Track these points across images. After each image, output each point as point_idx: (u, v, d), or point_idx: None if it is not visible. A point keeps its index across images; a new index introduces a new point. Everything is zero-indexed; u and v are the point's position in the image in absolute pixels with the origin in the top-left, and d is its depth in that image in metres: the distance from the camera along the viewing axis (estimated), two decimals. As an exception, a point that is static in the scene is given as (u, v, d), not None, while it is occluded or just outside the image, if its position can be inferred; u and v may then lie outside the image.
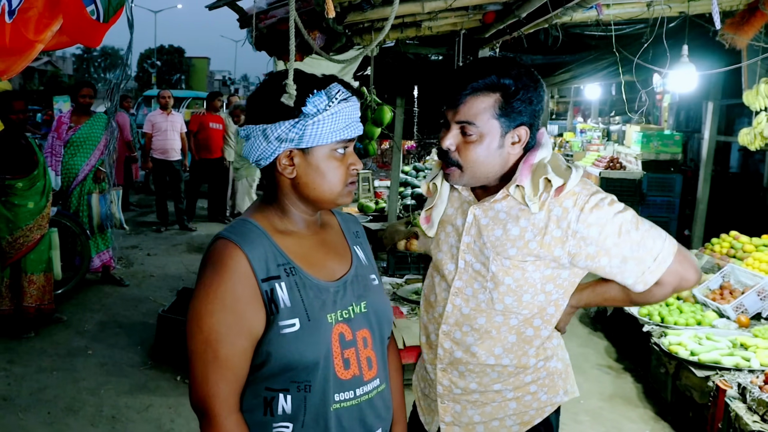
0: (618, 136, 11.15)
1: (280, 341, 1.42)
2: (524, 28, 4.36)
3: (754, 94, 5.62)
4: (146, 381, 4.50)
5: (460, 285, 1.80)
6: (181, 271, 7.26)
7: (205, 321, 1.39)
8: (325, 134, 1.45)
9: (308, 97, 1.45)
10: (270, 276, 1.44)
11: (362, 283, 1.62)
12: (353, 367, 1.51)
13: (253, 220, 1.52)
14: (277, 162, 1.49)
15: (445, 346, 1.84)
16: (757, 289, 4.61)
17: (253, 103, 1.53)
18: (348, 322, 1.52)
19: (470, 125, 1.66)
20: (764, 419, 3.33)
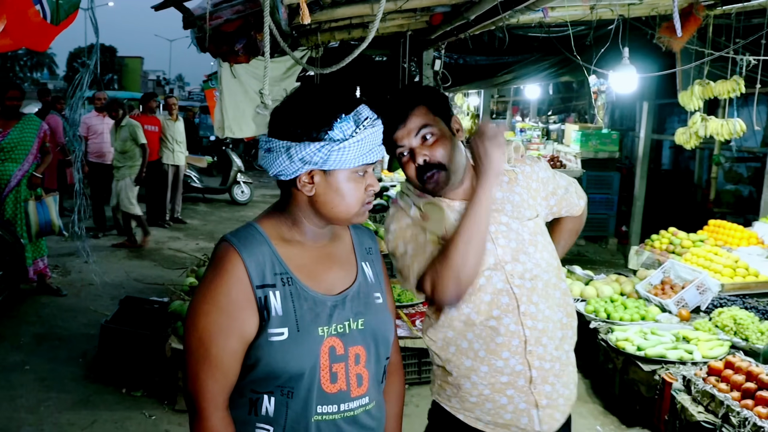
0: (557, 135, 11.40)
1: (267, 348, 1.45)
2: (472, 29, 4.39)
3: (689, 95, 5.82)
4: (89, 395, 4.32)
5: (510, 267, 1.89)
6: (122, 278, 7.01)
7: (200, 320, 1.45)
8: (349, 159, 1.47)
9: (335, 121, 1.46)
10: (265, 284, 1.47)
11: (364, 300, 1.62)
12: (340, 382, 1.52)
13: (260, 226, 1.55)
14: (297, 179, 1.50)
15: (528, 324, 1.89)
16: (696, 284, 4.77)
17: (279, 116, 1.52)
18: (342, 336, 1.53)
19: (426, 126, 1.85)
20: (708, 409, 3.44)
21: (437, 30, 4.79)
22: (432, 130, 1.85)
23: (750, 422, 3.14)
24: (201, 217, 11.32)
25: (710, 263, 5.17)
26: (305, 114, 1.47)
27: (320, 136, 1.45)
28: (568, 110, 13.77)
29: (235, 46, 3.91)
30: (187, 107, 17.62)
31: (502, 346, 1.88)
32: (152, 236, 9.02)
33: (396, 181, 10.91)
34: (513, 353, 1.88)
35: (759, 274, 5.04)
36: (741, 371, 3.50)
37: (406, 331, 4.78)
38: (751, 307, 4.56)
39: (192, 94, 44.80)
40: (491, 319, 1.88)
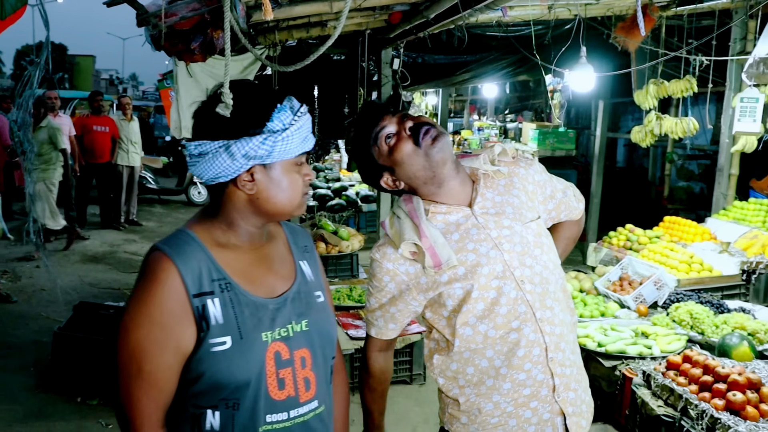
0: (515, 133, 11.51)
1: (210, 359, 1.39)
2: (431, 28, 4.38)
3: (644, 94, 5.92)
4: (42, 406, 4.18)
5: (519, 273, 1.80)
6: (76, 283, 6.82)
7: (132, 334, 1.37)
8: (291, 148, 1.45)
9: (273, 111, 1.43)
10: (202, 291, 1.41)
11: (305, 300, 1.58)
12: (288, 388, 1.47)
13: (192, 231, 1.48)
14: (237, 179, 1.45)
15: (547, 331, 1.81)
16: (654, 280, 4.85)
17: (207, 116, 1.45)
18: (286, 340, 1.48)
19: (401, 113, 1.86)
20: (668, 403, 3.50)
21: (396, 29, 4.77)
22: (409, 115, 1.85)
23: (707, 414, 3.20)
24: (157, 218, 11.10)
25: (666, 259, 5.27)
26: (240, 109, 1.43)
27: (260, 129, 1.41)
28: (525, 109, 13.94)
29: (191, 44, 3.82)
30: (141, 107, 17.28)
31: (524, 358, 1.79)
32: (107, 239, 8.80)
33: (354, 180, 10.90)
34: (535, 363, 1.80)
35: (713, 269, 5.16)
36: (698, 365, 3.56)
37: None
38: (706, 302, 4.66)
39: (146, 93, 43.93)
40: (511, 331, 1.79)
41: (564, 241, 2.17)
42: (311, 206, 8.37)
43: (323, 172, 10.47)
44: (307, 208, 8.42)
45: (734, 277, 5.11)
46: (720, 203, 6.35)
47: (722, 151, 6.26)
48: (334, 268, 6.37)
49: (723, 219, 6.06)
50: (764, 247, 5.30)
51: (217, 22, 3.74)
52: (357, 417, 2.01)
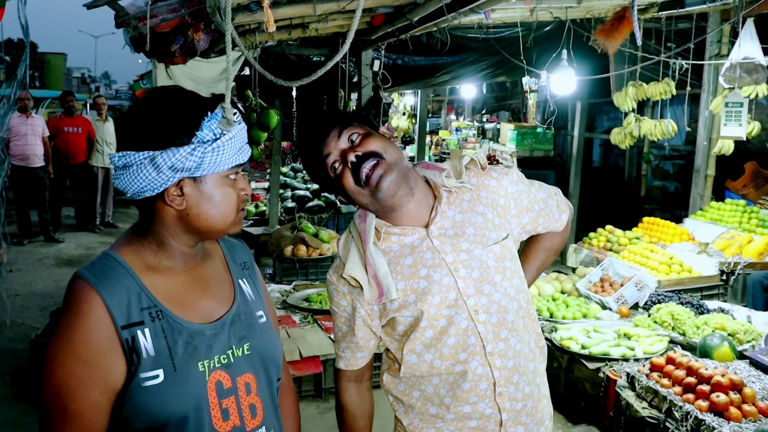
0: (493, 133, 11.56)
1: (142, 395, 1.28)
2: (414, 30, 4.36)
3: (623, 96, 5.98)
4: (19, 416, 4.08)
5: (473, 302, 1.69)
6: (51, 287, 6.69)
7: (55, 372, 1.25)
8: (223, 160, 1.33)
9: (203, 120, 1.31)
10: (131, 322, 1.29)
11: (246, 322, 1.48)
12: (233, 418, 1.38)
13: (119, 255, 1.36)
14: (165, 193, 1.33)
15: (497, 364, 1.71)
16: (635, 281, 4.89)
17: (131, 125, 1.33)
18: (227, 368, 1.39)
19: (349, 127, 1.69)
20: (652, 405, 3.53)
21: (378, 30, 4.75)
22: (358, 131, 1.68)
23: (692, 416, 3.23)
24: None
25: (647, 260, 5.32)
26: (166, 118, 1.31)
27: (189, 140, 1.30)
28: (503, 109, 14.02)
29: (172, 46, 3.76)
30: (115, 106, 17.05)
31: (469, 391, 1.71)
32: (82, 242, 8.66)
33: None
34: (481, 397, 1.71)
35: (692, 270, 5.22)
36: (682, 366, 3.59)
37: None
38: (687, 302, 4.71)
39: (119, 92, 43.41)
40: (458, 363, 1.70)
41: (544, 253, 2.03)
42: (290, 208, 8.31)
43: (301, 173, 10.41)
44: (286, 209, 8.33)
45: (713, 277, 5.17)
46: (697, 204, 6.43)
47: (699, 152, 6.34)
48: (315, 271, 6.33)
49: (700, 219, 6.14)
50: (741, 248, 5.38)
51: (197, 23, 3.69)
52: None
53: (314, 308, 5.24)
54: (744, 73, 4.88)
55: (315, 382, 4.60)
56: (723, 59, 5.59)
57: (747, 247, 5.36)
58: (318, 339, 4.68)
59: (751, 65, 4.88)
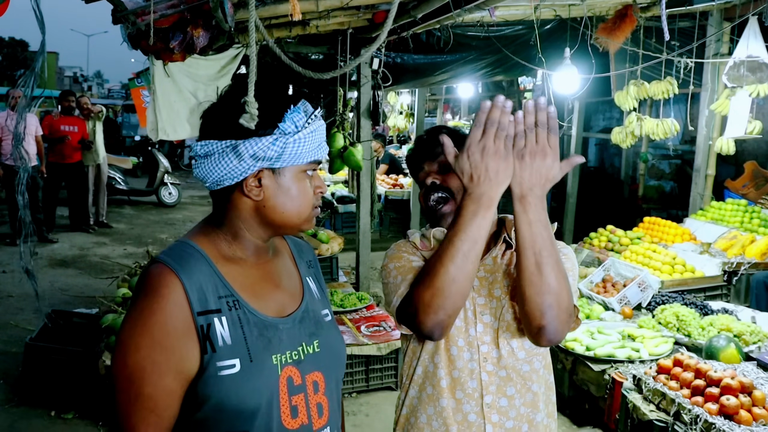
0: (490, 133, 11.49)
1: (217, 384, 1.26)
2: (416, 28, 4.30)
3: (624, 94, 5.93)
4: (14, 421, 4.00)
5: (486, 349, 1.67)
6: (45, 288, 6.57)
7: (131, 355, 1.24)
8: (303, 153, 1.34)
9: (286, 112, 1.32)
10: (208, 309, 1.28)
11: (314, 319, 1.46)
12: (302, 416, 1.35)
13: (196, 243, 1.35)
14: (243, 183, 1.33)
15: (493, 420, 1.66)
16: (638, 282, 4.84)
17: (217, 115, 1.35)
18: (297, 364, 1.36)
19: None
20: (659, 408, 3.48)
21: (379, 28, 4.68)
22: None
23: (701, 419, 3.18)
24: (127, 220, 10.84)
25: (649, 260, 5.27)
26: None
27: (271, 130, 1.31)
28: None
29: (170, 43, 3.69)
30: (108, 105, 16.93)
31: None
32: (76, 242, 8.56)
33: (329, 180, 10.80)
34: None
35: (695, 270, 5.18)
36: (689, 369, 3.55)
37: (351, 338, 4.66)
38: (691, 303, 4.67)
39: (112, 91, 43.18)
40: (452, 399, 1.67)
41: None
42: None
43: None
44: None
45: (716, 278, 5.13)
46: (697, 203, 6.40)
47: (699, 151, 6.30)
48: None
49: (701, 219, 6.10)
50: (744, 248, 5.35)
51: (196, 20, 3.62)
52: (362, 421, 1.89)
53: (314, 309, 5.16)
54: (748, 72, 4.84)
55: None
56: (724, 58, 5.56)
57: (750, 247, 5.32)
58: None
59: (755, 63, 4.84)
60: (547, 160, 1.43)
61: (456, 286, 1.49)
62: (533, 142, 1.43)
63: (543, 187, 1.46)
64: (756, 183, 6.65)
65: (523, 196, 1.46)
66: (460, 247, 1.47)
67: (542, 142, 1.43)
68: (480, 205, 1.45)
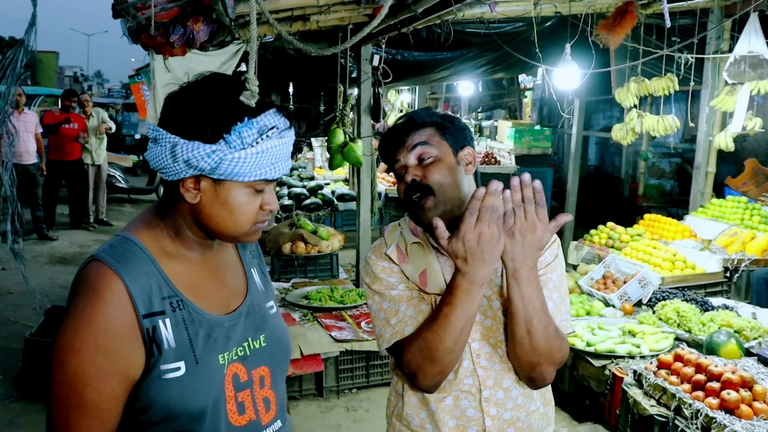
0: (490, 131, 11.50)
1: (162, 387, 1.23)
2: (417, 23, 4.29)
3: (625, 91, 5.93)
4: (13, 416, 3.99)
5: (477, 347, 1.66)
6: (45, 286, 6.58)
7: (71, 360, 1.18)
8: (244, 173, 1.24)
9: (235, 124, 1.23)
10: (153, 311, 1.23)
11: (259, 313, 1.43)
12: (249, 411, 1.34)
13: (138, 239, 1.29)
14: (180, 182, 1.27)
15: (491, 413, 1.66)
16: (638, 278, 4.84)
17: (172, 105, 1.28)
18: (243, 360, 1.34)
19: (423, 145, 1.65)
20: (660, 402, 3.48)
21: (380, 23, 4.67)
22: (431, 152, 1.64)
23: (702, 414, 3.18)
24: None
25: (650, 257, 5.27)
26: (202, 108, 1.25)
27: (215, 139, 1.22)
28: (499, 107, 13.97)
29: (171, 37, 3.68)
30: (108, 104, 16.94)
31: (455, 429, 1.67)
32: (76, 240, 8.55)
33: (329, 179, 10.78)
34: None
35: (696, 266, 5.18)
36: (690, 363, 3.54)
37: (351, 334, 4.66)
38: (691, 299, 4.67)
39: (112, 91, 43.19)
40: (449, 396, 1.67)
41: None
42: (287, 205, 8.23)
43: (297, 170, 10.35)
44: (283, 207, 8.24)
45: (717, 274, 5.13)
46: (697, 201, 6.39)
47: (699, 149, 6.30)
48: (313, 269, 6.26)
49: (702, 216, 6.10)
50: (744, 245, 5.34)
51: (197, 13, 3.61)
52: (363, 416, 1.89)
53: (314, 306, 5.17)
54: (749, 68, 4.84)
55: (316, 381, 4.53)
56: (725, 55, 5.55)
57: (750, 243, 5.32)
58: (318, 337, 4.61)
59: (756, 60, 4.84)
60: (537, 234, 1.44)
61: (453, 355, 1.54)
62: (522, 219, 1.43)
63: (534, 258, 1.48)
64: (756, 180, 6.64)
65: (515, 270, 1.48)
66: (456, 324, 1.50)
67: (531, 217, 1.43)
68: (474, 283, 1.46)
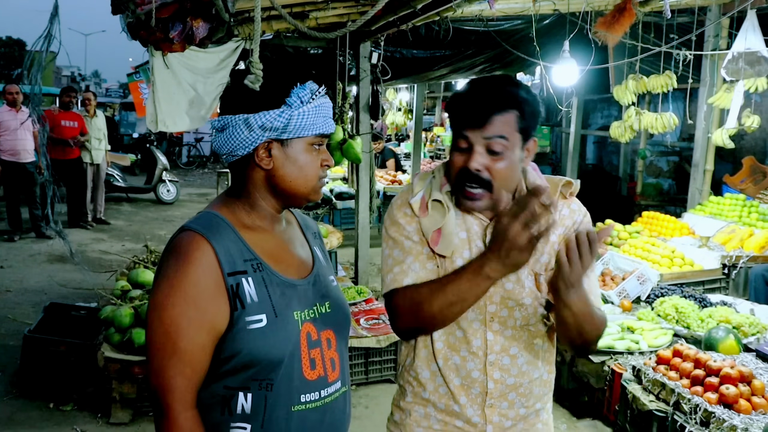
0: (488, 130, 11.50)
1: (246, 337, 1.40)
2: (416, 20, 4.29)
3: (623, 89, 5.93)
4: (12, 413, 3.99)
5: (494, 309, 1.69)
6: (44, 283, 6.56)
7: (167, 313, 1.37)
8: (308, 126, 1.47)
9: (293, 88, 1.47)
10: (236, 270, 1.43)
11: (324, 283, 1.61)
12: (318, 368, 1.51)
13: (220, 213, 1.50)
14: (254, 153, 1.47)
15: (495, 377, 1.71)
16: (637, 275, 4.84)
17: (232, 93, 1.52)
18: (314, 321, 1.52)
19: (501, 139, 1.58)
20: (659, 398, 3.48)
21: (379, 20, 4.67)
22: (505, 146, 1.58)
23: (701, 408, 3.18)
24: (125, 217, 10.83)
25: (648, 254, 5.28)
26: (264, 85, 1.50)
27: (278, 104, 1.46)
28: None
29: (170, 33, 3.68)
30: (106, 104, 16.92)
31: (460, 388, 1.72)
32: (74, 238, 8.54)
33: (328, 177, 10.78)
34: (471, 402, 1.72)
35: (694, 263, 5.19)
36: (689, 359, 3.55)
37: (351, 331, 4.65)
38: (690, 296, 4.67)
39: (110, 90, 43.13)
40: (457, 356, 1.71)
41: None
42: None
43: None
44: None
45: (715, 271, 5.14)
46: (696, 198, 6.41)
47: (697, 146, 6.32)
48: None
49: (700, 214, 6.11)
50: (742, 242, 5.36)
51: (197, 9, 3.61)
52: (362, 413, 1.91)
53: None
54: (746, 65, 4.85)
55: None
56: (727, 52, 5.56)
57: (748, 240, 5.33)
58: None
59: (753, 57, 4.85)
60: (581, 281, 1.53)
61: (435, 321, 1.64)
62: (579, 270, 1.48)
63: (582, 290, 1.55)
64: (754, 178, 6.66)
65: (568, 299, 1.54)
66: (449, 297, 1.57)
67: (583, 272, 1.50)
68: (479, 274, 1.53)
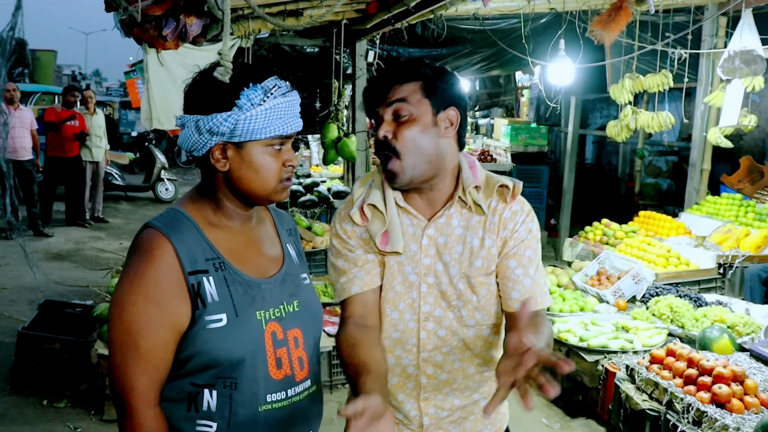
0: (486, 129, 11.50)
1: (206, 336, 1.40)
2: (410, 18, 4.28)
3: (619, 88, 5.93)
4: (6, 409, 3.98)
5: (428, 309, 1.71)
6: (40, 281, 6.55)
7: (127, 311, 1.37)
8: (259, 129, 1.42)
9: (243, 90, 1.41)
10: (197, 269, 1.42)
11: (294, 281, 1.59)
12: (285, 367, 1.49)
13: (185, 210, 1.49)
14: (210, 154, 1.45)
15: (428, 372, 1.74)
16: (632, 274, 4.84)
17: (190, 92, 1.49)
18: (280, 321, 1.50)
19: (401, 102, 1.61)
20: (652, 397, 3.48)
21: (373, 18, 4.67)
22: (410, 110, 1.60)
23: (693, 408, 3.17)
24: (124, 216, 10.83)
25: (644, 253, 5.27)
26: (213, 86, 1.44)
27: (227, 106, 1.41)
28: (495, 105, 13.97)
29: (163, 30, 3.68)
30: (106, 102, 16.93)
31: (397, 386, 1.76)
32: (72, 237, 8.54)
33: (326, 176, 10.76)
34: (407, 396, 1.76)
35: (689, 262, 5.18)
36: (682, 358, 3.54)
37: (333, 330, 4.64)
38: (685, 295, 4.67)
39: (110, 89, 43.13)
40: (392, 356, 1.73)
41: None
42: (282, 202, 8.23)
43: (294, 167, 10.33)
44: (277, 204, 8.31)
45: (711, 270, 5.14)
46: (693, 198, 6.40)
47: (694, 146, 6.31)
48: (308, 264, 6.24)
49: (696, 213, 6.11)
50: (738, 241, 5.35)
51: (190, 6, 3.61)
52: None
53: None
54: (742, 64, 4.84)
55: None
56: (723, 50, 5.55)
57: (744, 240, 5.33)
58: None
59: (749, 56, 4.84)
60: None
61: None
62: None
63: None
64: (752, 178, 6.65)
65: None
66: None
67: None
68: None
